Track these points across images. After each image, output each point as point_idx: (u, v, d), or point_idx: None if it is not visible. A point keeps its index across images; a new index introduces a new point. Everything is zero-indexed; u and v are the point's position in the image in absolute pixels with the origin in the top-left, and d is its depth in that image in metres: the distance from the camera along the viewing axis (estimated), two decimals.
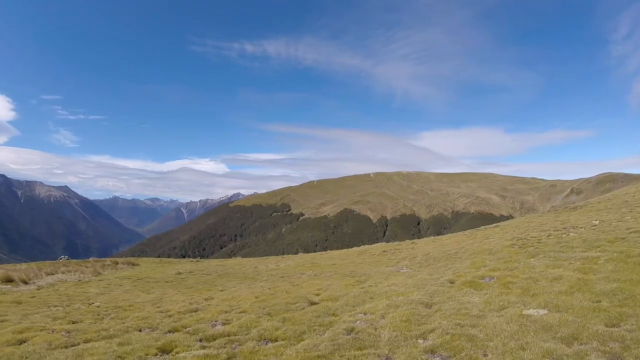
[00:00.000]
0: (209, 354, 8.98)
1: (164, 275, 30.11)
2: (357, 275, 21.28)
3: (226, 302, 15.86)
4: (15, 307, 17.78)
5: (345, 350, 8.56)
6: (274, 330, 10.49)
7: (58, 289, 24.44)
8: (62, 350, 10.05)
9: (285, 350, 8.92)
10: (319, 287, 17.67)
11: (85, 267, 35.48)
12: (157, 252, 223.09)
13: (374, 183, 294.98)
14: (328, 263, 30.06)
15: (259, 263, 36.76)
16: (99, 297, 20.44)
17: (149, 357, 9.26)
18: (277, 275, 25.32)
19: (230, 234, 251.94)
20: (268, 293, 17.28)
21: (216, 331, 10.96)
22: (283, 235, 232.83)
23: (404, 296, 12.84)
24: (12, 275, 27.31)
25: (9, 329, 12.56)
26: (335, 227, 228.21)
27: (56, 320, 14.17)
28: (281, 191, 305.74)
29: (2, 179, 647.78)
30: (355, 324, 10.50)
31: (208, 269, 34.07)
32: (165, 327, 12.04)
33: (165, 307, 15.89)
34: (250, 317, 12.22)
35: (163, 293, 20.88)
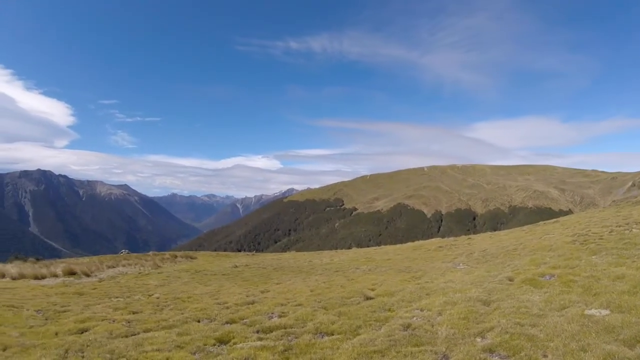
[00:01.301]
0: (265, 346, 9.03)
1: (221, 268, 30.59)
2: (412, 270, 21.05)
3: (282, 295, 15.98)
4: (77, 298, 18.43)
5: (402, 346, 8.43)
6: (330, 324, 10.46)
7: (119, 281, 25.19)
8: (122, 339, 10.34)
9: (341, 344, 8.88)
10: (374, 282, 17.57)
11: (145, 260, 36.44)
12: (214, 246, 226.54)
13: (428, 177, 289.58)
14: (383, 258, 29.88)
15: (313, 257, 36.90)
16: (159, 289, 20.93)
17: (207, 347, 9.39)
18: (331, 270, 25.35)
19: (284, 228, 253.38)
20: (323, 287, 17.31)
21: (273, 323, 11.03)
22: (336, 229, 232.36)
23: (462, 293, 12.58)
24: (75, 268, 28.33)
25: (71, 319, 13.02)
26: (388, 221, 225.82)
27: (117, 310, 14.60)
28: (334, 186, 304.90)
29: (64, 179, 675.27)
30: (412, 320, 10.32)
31: (263, 262, 34.46)
32: (223, 318, 12.21)
33: (222, 299, 16.12)
34: (306, 310, 12.24)
35: (220, 285, 21.22)
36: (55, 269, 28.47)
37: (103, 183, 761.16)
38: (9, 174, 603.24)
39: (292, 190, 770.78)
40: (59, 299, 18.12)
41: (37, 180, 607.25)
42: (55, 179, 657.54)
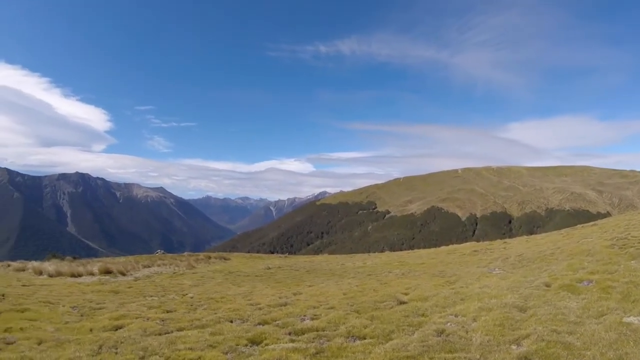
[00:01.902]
0: (297, 348, 9.00)
1: (254, 270, 30.75)
2: (446, 275, 20.79)
3: (314, 297, 15.95)
4: (112, 296, 18.76)
5: (435, 352, 8.27)
6: (362, 328, 10.34)
7: (154, 281, 25.54)
8: (155, 337, 10.49)
9: (373, 349, 8.76)
10: (407, 286, 17.38)
11: (180, 261, 36.86)
12: (247, 248, 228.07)
13: (462, 179, 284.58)
14: (416, 262, 29.60)
15: (346, 260, 36.79)
16: (193, 289, 21.16)
17: (239, 347, 9.41)
18: (364, 273, 25.23)
19: (317, 231, 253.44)
20: (356, 290, 17.22)
21: (305, 325, 10.99)
22: (369, 233, 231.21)
23: (497, 299, 12.32)
24: (111, 267, 28.86)
25: (106, 316, 13.28)
26: (422, 225, 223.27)
27: (151, 309, 14.81)
28: (367, 189, 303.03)
29: (102, 182, 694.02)
30: (446, 325, 10.11)
31: (296, 264, 34.51)
32: (256, 319, 12.25)
33: (255, 300, 16.19)
34: (338, 313, 12.16)
35: (253, 286, 21.33)
36: (92, 267, 29.07)
37: (140, 186, 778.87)
38: (47, 177, 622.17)
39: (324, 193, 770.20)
40: (95, 296, 18.48)
41: (75, 182, 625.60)
42: (92, 181, 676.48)
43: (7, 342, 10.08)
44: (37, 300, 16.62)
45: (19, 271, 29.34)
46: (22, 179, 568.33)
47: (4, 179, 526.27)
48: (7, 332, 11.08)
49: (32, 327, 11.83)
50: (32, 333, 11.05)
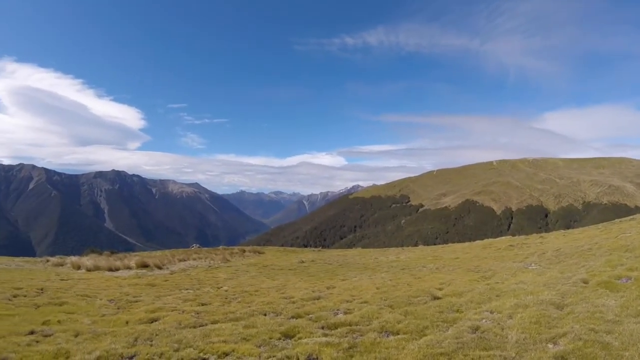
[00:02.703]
0: (330, 342, 8.98)
1: (288, 264, 30.86)
2: (481, 270, 20.48)
3: (347, 291, 15.92)
4: (149, 289, 19.08)
5: (470, 350, 8.14)
6: (396, 323, 10.26)
7: (189, 274, 25.87)
8: (190, 330, 10.63)
9: (407, 345, 8.67)
10: (441, 281, 17.19)
11: (215, 255, 37.28)
12: (281, 242, 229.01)
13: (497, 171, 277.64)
14: (450, 257, 29.28)
15: (379, 254, 36.63)
16: (227, 282, 21.37)
17: (272, 341, 9.45)
18: (397, 267, 25.07)
19: (350, 225, 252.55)
20: (389, 285, 17.11)
21: (338, 320, 10.98)
22: (402, 226, 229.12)
23: (533, 295, 12.06)
24: (147, 261, 29.36)
25: (142, 309, 13.51)
26: (456, 219, 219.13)
27: (186, 302, 15.00)
28: (400, 182, 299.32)
29: (138, 179, 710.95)
30: (481, 322, 9.96)
31: (329, 258, 34.50)
32: (289, 312, 12.30)
33: (288, 293, 16.25)
34: (371, 308, 12.10)
35: (287, 280, 21.42)
36: (129, 261, 29.59)
37: (175, 182, 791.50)
38: (84, 175, 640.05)
39: (357, 187, 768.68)
40: (131, 289, 18.80)
41: (112, 180, 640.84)
42: (129, 178, 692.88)
43: (44, 334, 10.35)
44: (75, 294, 17.00)
45: (58, 266, 30.12)
46: (59, 178, 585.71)
47: (42, 178, 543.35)
48: (45, 324, 11.37)
49: (70, 319, 12.12)
50: (70, 325, 11.32)
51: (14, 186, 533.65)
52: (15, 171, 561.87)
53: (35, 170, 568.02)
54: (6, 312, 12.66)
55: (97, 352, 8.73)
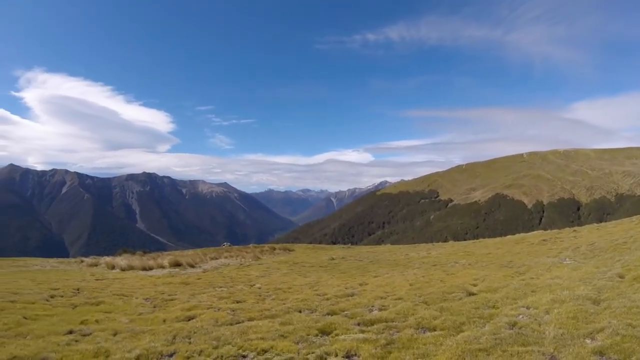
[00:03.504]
0: (368, 339, 9.02)
1: (318, 261, 30.92)
2: (515, 265, 20.27)
3: (380, 288, 15.90)
4: (183, 287, 19.31)
5: (508, 346, 8.06)
6: (432, 319, 10.23)
7: (222, 272, 26.11)
8: (227, 327, 10.75)
9: (444, 341, 8.64)
10: (475, 277, 17.05)
11: (246, 252, 37.53)
12: (309, 239, 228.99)
13: (528, 164, 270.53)
14: (482, 252, 28.99)
15: (410, 250, 36.47)
16: (259, 280, 21.52)
17: (310, 337, 9.52)
18: (429, 264, 24.92)
19: (378, 221, 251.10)
20: (422, 281, 17.05)
21: (373, 316, 11.00)
22: (431, 222, 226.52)
23: (569, 290, 11.87)
24: (180, 260, 29.73)
25: (178, 307, 13.71)
26: (486, 213, 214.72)
27: (221, 299, 15.15)
28: (428, 177, 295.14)
29: (168, 180, 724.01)
30: (518, 318, 9.85)
31: (359, 255, 34.47)
32: (324, 309, 12.36)
33: (321, 290, 16.32)
34: (406, 304, 12.09)
35: (318, 277, 21.47)
36: (162, 260, 29.99)
37: (204, 182, 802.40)
38: (116, 178, 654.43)
39: (385, 183, 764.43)
40: (166, 288, 19.06)
41: (143, 182, 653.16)
42: (159, 180, 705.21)
43: (83, 333, 10.58)
44: (111, 293, 17.30)
45: (92, 266, 30.68)
46: (91, 181, 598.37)
47: (75, 182, 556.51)
48: (83, 324, 11.60)
49: (107, 318, 12.35)
50: (108, 324, 11.54)
51: (48, 190, 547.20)
52: (48, 176, 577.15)
53: (68, 174, 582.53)
54: (44, 312, 12.94)
55: (137, 351, 8.89)
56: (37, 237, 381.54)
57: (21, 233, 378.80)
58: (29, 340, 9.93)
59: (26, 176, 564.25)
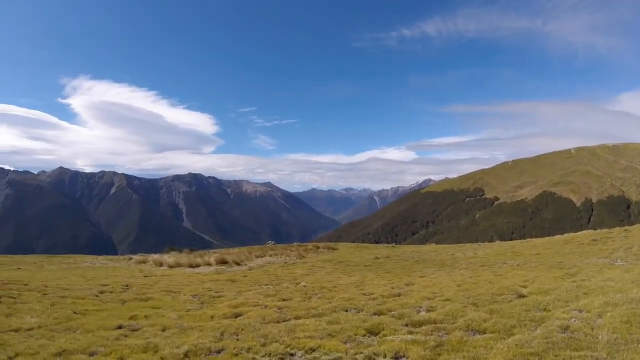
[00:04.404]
0: (416, 340, 8.91)
1: (362, 260, 30.82)
2: (565, 266, 19.74)
3: (427, 288, 15.71)
4: (229, 284, 19.55)
5: (560, 350, 7.83)
6: (482, 322, 10.02)
7: (267, 270, 26.34)
8: (275, 325, 10.82)
9: (495, 344, 8.43)
10: (524, 278, 16.67)
11: (290, 251, 37.73)
12: (352, 238, 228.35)
13: (575, 159, 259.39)
14: (531, 252, 28.35)
15: (455, 250, 35.97)
16: (304, 278, 21.59)
17: (357, 337, 9.47)
18: (476, 264, 24.51)
19: (422, 220, 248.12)
20: (470, 282, 16.77)
21: (421, 317, 10.86)
22: (476, 221, 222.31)
23: (622, 293, 11.43)
24: (226, 257, 30.14)
25: (226, 304, 13.87)
26: (533, 212, 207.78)
27: (267, 297, 15.27)
28: (473, 174, 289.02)
29: (214, 180, 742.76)
30: (570, 321, 9.56)
31: (404, 254, 34.20)
32: (371, 309, 12.30)
33: (367, 289, 16.25)
34: (455, 306, 11.90)
35: (363, 276, 21.39)
36: (209, 258, 30.46)
37: (248, 182, 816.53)
38: (163, 179, 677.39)
39: (428, 181, 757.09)
40: (213, 285, 19.34)
41: (189, 182, 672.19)
42: (205, 180, 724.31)
43: (132, 329, 10.87)
44: (159, 290, 17.65)
45: (140, 263, 31.38)
46: (139, 182, 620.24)
47: (123, 183, 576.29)
48: (132, 319, 11.89)
49: (156, 314, 12.61)
50: (156, 320, 11.79)
51: (96, 192, 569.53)
52: (97, 178, 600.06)
53: (116, 176, 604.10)
54: (94, 308, 13.33)
55: (186, 347, 9.03)
56: (86, 236, 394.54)
57: (71, 232, 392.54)
58: (78, 334, 10.24)
59: (75, 178, 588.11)
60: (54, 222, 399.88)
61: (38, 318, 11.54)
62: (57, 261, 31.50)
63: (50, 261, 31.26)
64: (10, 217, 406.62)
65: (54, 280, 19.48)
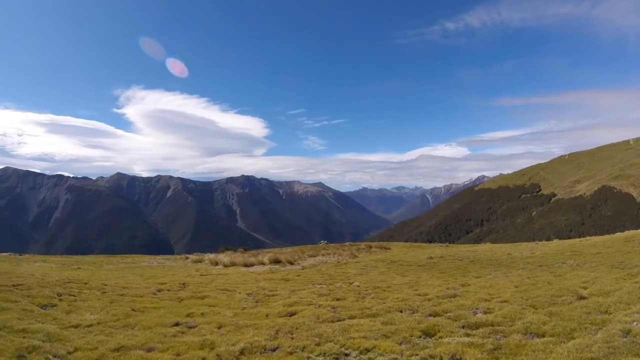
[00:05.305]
0: (473, 343, 8.75)
1: (416, 259, 30.51)
2: (627, 266, 18.92)
3: (484, 289, 15.41)
4: (283, 283, 19.74)
5: (622, 355, 7.50)
6: (541, 325, 9.71)
7: (320, 269, 26.43)
8: (329, 324, 10.87)
9: (554, 348, 8.17)
10: (584, 279, 16.07)
11: (343, 250, 37.79)
12: (404, 237, 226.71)
13: (635, 151, 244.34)
14: (590, 251, 27.37)
15: (512, 249, 35.14)
16: (357, 278, 21.55)
17: (413, 339, 9.39)
18: (534, 264, 23.83)
19: (477, 218, 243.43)
20: (528, 283, 16.31)
21: (478, 319, 10.66)
22: (533, 219, 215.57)
23: None
24: (279, 257, 30.46)
25: (280, 303, 14.05)
26: (592, 208, 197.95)
27: (321, 296, 15.33)
28: (529, 170, 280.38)
29: (266, 182, 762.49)
30: (632, 325, 9.10)
31: (458, 254, 33.67)
32: (426, 310, 12.17)
33: (422, 290, 16.07)
34: (512, 307, 11.60)
35: (417, 276, 21.16)
36: (262, 257, 30.85)
37: (300, 182, 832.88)
38: (217, 181, 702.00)
39: (482, 178, 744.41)
40: (267, 284, 19.60)
41: (242, 184, 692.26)
42: (257, 182, 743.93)
43: (189, 326, 11.18)
44: (215, 288, 17.99)
45: (196, 263, 32.07)
46: (194, 185, 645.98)
47: (178, 187, 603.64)
48: (189, 317, 12.25)
49: (212, 312, 12.91)
50: (212, 318, 12.08)
51: (153, 195, 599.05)
52: (153, 182, 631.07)
53: (172, 180, 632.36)
54: (152, 305, 13.74)
55: (241, 344, 9.20)
56: (144, 237, 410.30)
57: (129, 233, 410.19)
58: (136, 331, 10.62)
59: (133, 183, 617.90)
60: (113, 224, 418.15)
61: (97, 315, 11.99)
62: (116, 261, 32.51)
63: (110, 261, 32.30)
64: (70, 220, 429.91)
65: (113, 279, 20.13)
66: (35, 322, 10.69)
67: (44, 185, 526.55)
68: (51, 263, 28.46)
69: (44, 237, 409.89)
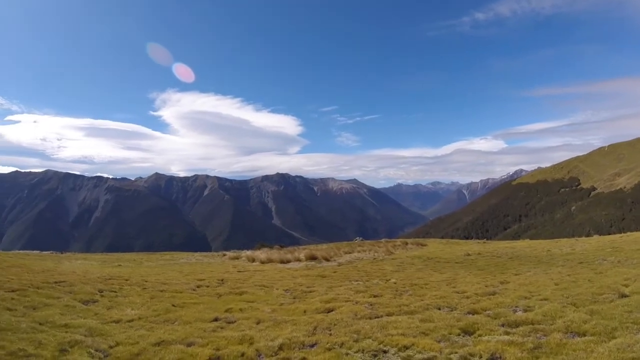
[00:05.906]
0: (513, 341, 8.64)
1: (453, 256, 30.23)
2: None
3: (523, 287, 15.19)
4: (320, 280, 19.87)
5: None
6: (582, 323, 9.51)
7: (356, 266, 26.46)
8: (367, 321, 10.92)
9: (596, 347, 8.00)
10: (625, 276, 15.66)
11: (378, 247, 37.73)
12: (441, 234, 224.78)
13: None
14: (632, 248, 26.65)
15: (551, 246, 34.51)
16: (394, 274, 21.49)
17: (451, 337, 9.34)
18: (574, 261, 23.37)
19: (514, 214, 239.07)
20: (568, 280, 16.02)
21: (518, 317, 10.51)
22: (572, 214, 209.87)
23: None
24: (316, 253, 30.60)
25: (317, 299, 14.17)
26: (633, 202, 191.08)
27: (358, 293, 15.39)
28: (567, 163, 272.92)
29: (300, 179, 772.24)
30: None
31: (496, 251, 33.23)
32: (464, 308, 12.09)
33: (460, 287, 15.96)
34: (553, 305, 11.41)
35: (455, 274, 20.98)
36: (298, 254, 31.06)
37: (334, 179, 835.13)
38: (252, 180, 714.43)
39: (520, 172, 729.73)
40: (304, 280, 19.74)
41: (277, 182, 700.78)
42: (292, 179, 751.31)
43: (228, 321, 11.43)
44: (253, 284, 18.24)
45: (234, 259, 32.47)
46: (230, 184, 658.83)
47: (215, 185, 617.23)
48: (227, 312, 12.49)
49: (250, 308, 13.12)
50: (251, 313, 12.30)
51: (190, 194, 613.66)
52: (190, 181, 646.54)
53: (209, 179, 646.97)
54: (191, 301, 14.06)
55: (280, 340, 9.33)
56: (182, 234, 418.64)
57: (168, 231, 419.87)
58: (176, 325, 10.89)
59: (170, 182, 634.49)
60: (152, 223, 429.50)
61: (138, 310, 12.34)
62: (155, 258, 33.13)
63: (149, 258, 32.92)
64: (110, 220, 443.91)
65: (153, 276, 20.56)
66: (77, 317, 11.08)
67: (83, 186, 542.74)
68: (92, 261, 29.14)
69: (85, 236, 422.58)
